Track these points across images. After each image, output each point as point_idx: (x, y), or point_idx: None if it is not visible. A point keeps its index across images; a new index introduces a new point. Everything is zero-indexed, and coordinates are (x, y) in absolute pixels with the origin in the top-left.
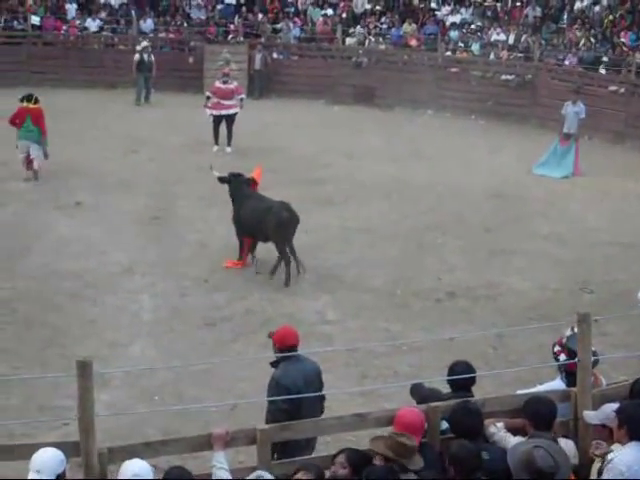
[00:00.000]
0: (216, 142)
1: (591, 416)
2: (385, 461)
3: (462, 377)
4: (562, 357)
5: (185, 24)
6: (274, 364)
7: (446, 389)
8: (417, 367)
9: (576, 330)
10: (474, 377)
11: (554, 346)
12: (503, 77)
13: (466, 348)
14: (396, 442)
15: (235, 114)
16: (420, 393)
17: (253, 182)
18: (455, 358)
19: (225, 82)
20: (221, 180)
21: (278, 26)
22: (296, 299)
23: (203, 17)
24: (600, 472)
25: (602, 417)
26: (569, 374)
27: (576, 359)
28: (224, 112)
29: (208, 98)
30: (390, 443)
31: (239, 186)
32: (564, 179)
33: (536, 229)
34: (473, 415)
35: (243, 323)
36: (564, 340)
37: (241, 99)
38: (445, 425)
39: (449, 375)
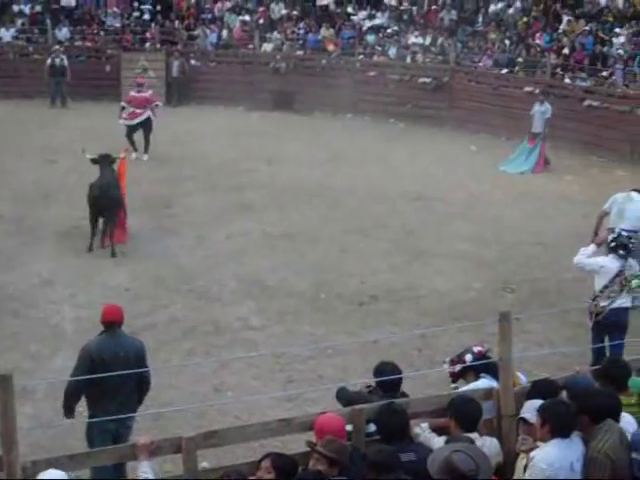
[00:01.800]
0: (134, 149)
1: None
2: (329, 464)
3: (389, 378)
4: (468, 357)
5: (101, 32)
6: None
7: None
8: (342, 370)
9: (446, 360)
10: (400, 378)
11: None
12: (420, 80)
13: (390, 350)
14: (339, 445)
15: (149, 119)
16: (345, 397)
17: (120, 162)
18: (380, 360)
19: (139, 91)
20: (93, 161)
21: (195, 33)
22: (219, 306)
23: (119, 25)
24: (526, 468)
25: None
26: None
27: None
28: (137, 120)
29: (123, 108)
30: (334, 446)
31: (104, 165)
32: (521, 174)
33: (457, 230)
34: (398, 416)
35: (166, 331)
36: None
37: (156, 106)
38: (372, 427)
39: (375, 376)
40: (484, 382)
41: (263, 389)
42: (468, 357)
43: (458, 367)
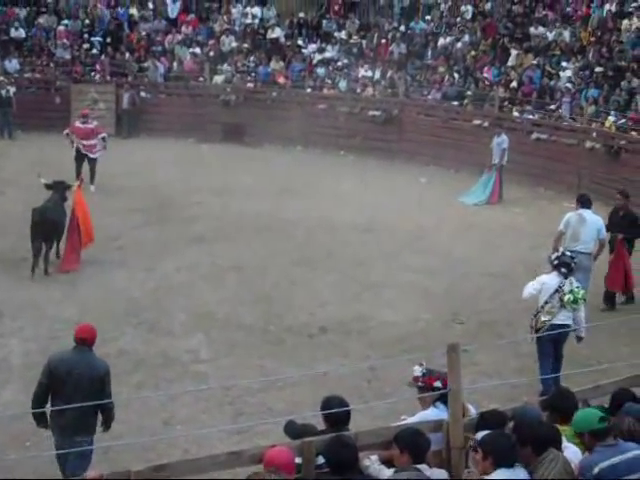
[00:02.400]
0: (77, 177)
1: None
2: None
3: (335, 411)
4: (437, 384)
5: (51, 64)
6: None
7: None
8: (292, 403)
9: (424, 363)
10: (349, 412)
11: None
12: (370, 113)
13: (340, 382)
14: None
15: (95, 158)
16: (293, 430)
17: (76, 191)
18: (329, 393)
19: (84, 122)
20: (46, 186)
21: (145, 65)
22: (169, 338)
23: (69, 57)
24: None
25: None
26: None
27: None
28: (84, 151)
29: (67, 135)
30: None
31: (55, 192)
32: (476, 205)
33: (407, 262)
34: (347, 448)
35: (116, 364)
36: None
37: (103, 138)
38: (322, 460)
39: (322, 410)
40: (433, 411)
41: (212, 422)
42: (437, 384)
43: (427, 395)
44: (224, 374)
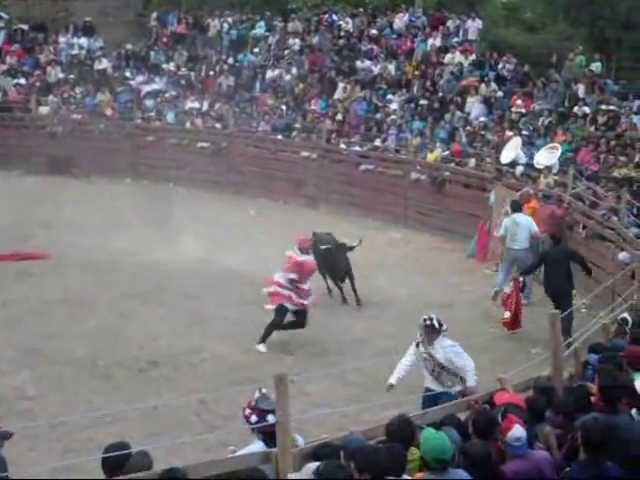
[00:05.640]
0: None
1: (295, 477)
2: None
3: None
4: (254, 418)
5: None
6: None
7: None
8: (121, 438)
9: (264, 391)
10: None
11: (244, 410)
12: (199, 145)
13: (170, 416)
14: None
15: None
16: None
17: None
18: (159, 426)
19: None
20: None
21: None
22: None
23: None
24: None
25: (305, 477)
26: (265, 435)
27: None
28: None
29: None
30: None
31: None
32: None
33: (238, 294)
34: None
35: None
36: (254, 402)
37: None
38: None
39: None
40: (259, 445)
41: (40, 460)
42: (270, 418)
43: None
44: (52, 410)
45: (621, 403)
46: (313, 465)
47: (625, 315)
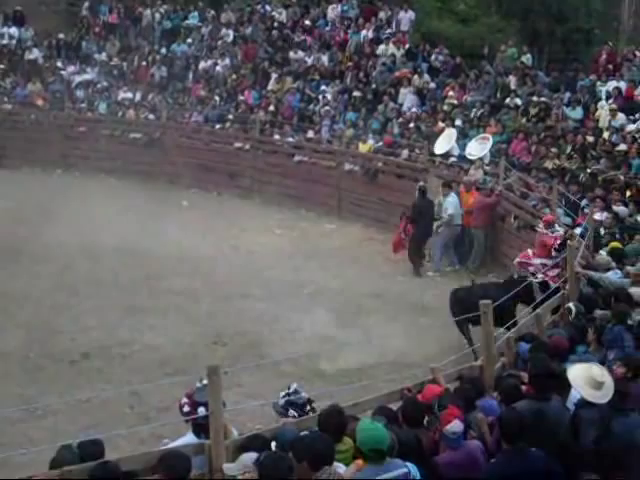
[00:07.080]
0: None
1: (230, 467)
2: None
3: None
4: (186, 409)
5: None
6: None
7: None
8: (53, 432)
9: (205, 382)
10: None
11: (182, 398)
12: (132, 135)
13: (103, 408)
14: None
15: None
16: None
17: None
18: (92, 419)
19: None
20: None
21: None
22: None
23: None
24: None
25: (241, 468)
26: (196, 426)
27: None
28: None
29: None
30: None
31: None
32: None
33: (169, 285)
34: (111, 475)
35: None
36: (191, 392)
37: None
38: None
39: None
40: (192, 437)
41: None
42: (201, 410)
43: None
44: None
45: (552, 391)
46: (249, 456)
47: (570, 305)
